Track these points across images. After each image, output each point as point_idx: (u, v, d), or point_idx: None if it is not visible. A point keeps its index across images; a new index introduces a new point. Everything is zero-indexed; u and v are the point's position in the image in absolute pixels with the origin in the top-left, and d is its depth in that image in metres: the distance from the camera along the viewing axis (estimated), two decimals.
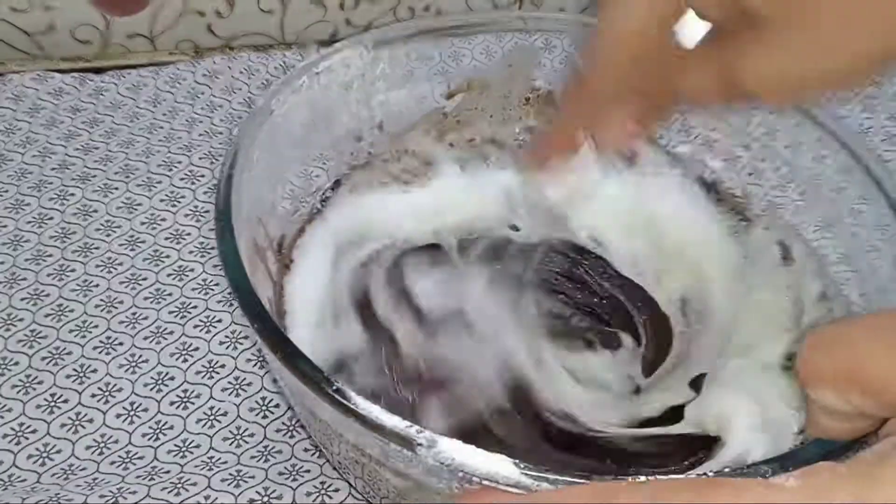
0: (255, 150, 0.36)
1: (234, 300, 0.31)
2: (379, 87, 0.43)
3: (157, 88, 0.53)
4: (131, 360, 0.40)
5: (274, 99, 0.38)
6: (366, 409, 0.27)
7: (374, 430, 0.27)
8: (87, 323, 0.42)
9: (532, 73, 0.45)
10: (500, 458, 0.26)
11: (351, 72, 0.41)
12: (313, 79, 0.40)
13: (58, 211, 0.46)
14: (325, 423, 0.30)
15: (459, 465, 0.26)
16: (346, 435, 0.29)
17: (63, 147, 0.49)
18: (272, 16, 0.57)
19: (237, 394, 0.39)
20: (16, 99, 0.51)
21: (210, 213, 0.46)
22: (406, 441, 0.27)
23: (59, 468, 0.37)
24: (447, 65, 0.44)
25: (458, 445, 0.26)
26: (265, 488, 0.36)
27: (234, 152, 0.36)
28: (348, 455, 0.31)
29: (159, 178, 0.48)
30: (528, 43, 0.44)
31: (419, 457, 0.26)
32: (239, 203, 0.34)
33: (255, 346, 0.41)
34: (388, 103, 0.43)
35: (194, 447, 0.38)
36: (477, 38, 0.44)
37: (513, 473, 0.26)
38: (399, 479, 0.30)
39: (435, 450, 0.26)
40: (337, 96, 0.41)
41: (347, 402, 0.27)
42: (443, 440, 0.26)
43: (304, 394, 0.29)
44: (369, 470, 0.31)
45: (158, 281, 0.43)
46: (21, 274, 0.43)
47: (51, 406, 0.39)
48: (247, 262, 0.32)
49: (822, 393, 0.24)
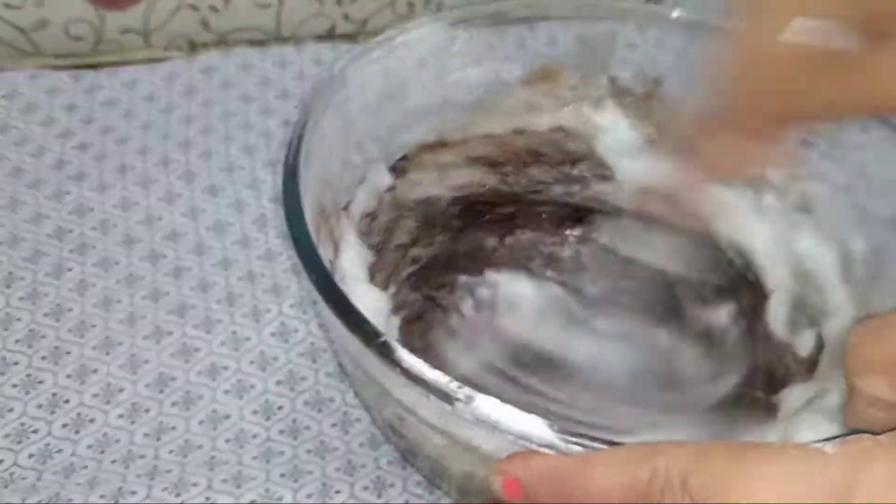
0: (327, 116, 0.37)
1: (297, 257, 0.32)
2: (454, 65, 0.43)
3: (152, 85, 0.52)
4: (132, 361, 0.40)
5: (349, 67, 0.39)
6: (409, 362, 0.28)
7: (416, 383, 0.28)
8: (85, 322, 0.41)
9: (608, 62, 0.45)
10: (534, 418, 0.27)
11: (427, 48, 0.42)
12: (390, 52, 0.41)
13: (55, 209, 0.46)
14: (372, 377, 0.31)
15: (495, 421, 0.27)
16: (392, 390, 0.30)
17: (59, 145, 0.49)
18: (268, 10, 0.57)
19: (240, 396, 0.39)
20: (10, 96, 0.51)
21: (206, 211, 0.46)
22: (445, 395, 0.27)
23: (61, 467, 0.37)
24: (522, 49, 0.44)
25: (495, 402, 0.27)
26: (266, 489, 0.36)
27: (305, 115, 0.36)
28: (393, 413, 0.32)
29: (156, 175, 0.48)
30: (604, 32, 0.45)
31: (457, 411, 0.27)
32: (308, 163, 0.35)
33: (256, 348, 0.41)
34: (462, 82, 0.44)
35: (196, 447, 0.38)
36: (553, 25, 0.44)
37: (546, 434, 0.26)
38: (440, 436, 0.30)
39: (472, 405, 0.27)
40: (411, 71, 0.42)
41: (392, 353, 0.28)
42: (480, 396, 0.27)
43: (352, 346, 0.30)
44: (413, 428, 0.32)
45: (156, 280, 0.43)
46: (18, 273, 0.43)
47: (52, 406, 0.39)
48: (310, 222, 0.33)
49: (870, 381, 0.25)
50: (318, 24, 0.58)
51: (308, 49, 0.55)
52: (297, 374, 0.40)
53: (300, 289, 0.43)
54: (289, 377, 0.40)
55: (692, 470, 0.23)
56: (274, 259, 0.44)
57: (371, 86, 0.40)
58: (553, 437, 0.26)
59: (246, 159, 0.49)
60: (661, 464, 0.23)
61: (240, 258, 0.44)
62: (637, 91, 0.45)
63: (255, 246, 0.45)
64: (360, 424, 0.39)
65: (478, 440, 0.29)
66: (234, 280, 0.44)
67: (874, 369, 0.24)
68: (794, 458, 0.22)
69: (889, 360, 0.24)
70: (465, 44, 0.43)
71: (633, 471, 0.24)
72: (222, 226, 0.46)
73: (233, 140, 0.50)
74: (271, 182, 0.48)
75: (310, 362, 0.41)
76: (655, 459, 0.24)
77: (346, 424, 0.39)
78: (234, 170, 0.48)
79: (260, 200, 0.47)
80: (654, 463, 0.24)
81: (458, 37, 0.42)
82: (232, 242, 0.45)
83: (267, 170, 0.48)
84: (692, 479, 0.23)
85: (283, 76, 0.54)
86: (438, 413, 0.29)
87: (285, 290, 0.43)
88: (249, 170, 0.48)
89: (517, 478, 0.27)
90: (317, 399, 0.40)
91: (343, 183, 0.40)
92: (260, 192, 0.47)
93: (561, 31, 0.45)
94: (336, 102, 0.38)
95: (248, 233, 0.46)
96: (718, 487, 0.22)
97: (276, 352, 0.41)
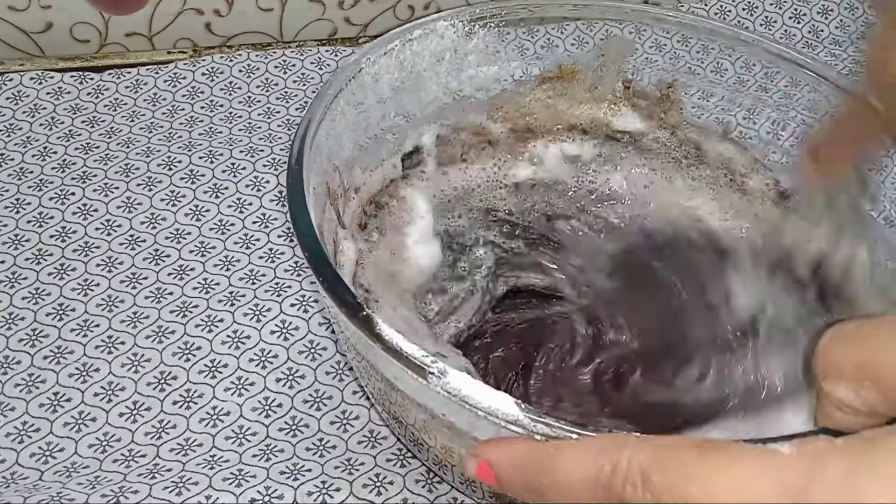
0: (340, 102, 0.38)
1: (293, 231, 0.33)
2: (470, 61, 0.44)
3: (156, 87, 0.53)
4: (133, 360, 0.41)
5: (364, 57, 0.40)
6: (389, 335, 0.29)
7: (394, 356, 0.29)
8: (88, 322, 0.42)
9: (624, 64, 0.45)
10: (503, 396, 0.27)
11: (444, 43, 0.43)
12: (406, 44, 0.41)
13: (58, 210, 0.46)
14: (360, 353, 0.32)
15: (465, 396, 0.28)
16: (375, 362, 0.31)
17: (63, 146, 0.49)
18: (271, 14, 0.57)
19: (240, 393, 0.40)
20: (15, 98, 0.51)
21: (209, 212, 0.47)
22: (420, 369, 0.28)
23: (62, 466, 0.37)
24: (539, 48, 0.45)
25: (467, 378, 0.28)
26: (266, 487, 0.36)
27: (317, 99, 0.37)
28: (378, 387, 0.33)
29: (159, 177, 0.48)
30: (621, 34, 0.45)
31: (430, 385, 0.28)
32: (318, 145, 0.36)
33: (256, 346, 0.41)
34: (477, 79, 0.44)
35: (196, 446, 0.38)
36: (570, 26, 0.45)
37: (513, 412, 0.27)
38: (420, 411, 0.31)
39: (445, 380, 0.28)
40: (428, 65, 0.43)
41: (374, 327, 0.29)
42: (453, 372, 0.28)
43: (340, 320, 0.31)
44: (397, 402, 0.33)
45: (159, 280, 0.44)
46: (22, 273, 0.43)
47: (53, 405, 0.39)
48: (313, 201, 0.34)
49: (837, 386, 0.25)
50: (320, 28, 0.58)
51: (310, 52, 0.55)
52: (297, 372, 0.40)
53: (301, 288, 0.44)
54: (288, 376, 0.40)
55: (654, 465, 0.23)
56: (275, 259, 0.45)
57: (386, 76, 0.41)
58: (520, 414, 0.27)
59: (248, 160, 0.49)
60: (624, 458, 0.24)
61: (241, 258, 0.45)
62: (652, 94, 0.46)
63: (256, 246, 0.45)
64: (359, 422, 0.39)
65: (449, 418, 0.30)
66: (236, 280, 0.44)
67: (842, 374, 0.24)
68: (753, 458, 0.22)
69: (857, 366, 0.24)
70: (482, 41, 0.43)
71: (599, 462, 0.24)
72: (224, 226, 0.46)
73: (235, 142, 0.50)
74: (273, 183, 0.48)
75: (309, 361, 0.41)
76: (620, 453, 0.24)
77: (346, 423, 0.39)
78: (236, 171, 0.49)
79: (261, 201, 0.47)
80: (619, 456, 0.24)
81: (476, 33, 0.43)
82: (234, 242, 0.45)
83: (269, 171, 0.49)
84: (654, 476, 0.23)
85: (286, 79, 0.54)
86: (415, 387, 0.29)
87: (286, 290, 0.43)
88: (251, 171, 0.49)
89: (489, 461, 0.27)
90: (316, 397, 0.40)
91: (353, 168, 0.41)
92: (262, 192, 0.48)
93: (578, 33, 0.45)
94: (350, 89, 0.39)
95: (249, 233, 0.46)
96: (679, 484, 0.23)
97: (277, 350, 0.41)
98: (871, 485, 0.21)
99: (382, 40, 0.41)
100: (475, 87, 0.45)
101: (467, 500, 0.37)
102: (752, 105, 0.45)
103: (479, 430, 0.29)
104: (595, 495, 0.24)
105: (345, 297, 0.31)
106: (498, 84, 0.45)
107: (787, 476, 0.22)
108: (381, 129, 0.42)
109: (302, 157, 0.35)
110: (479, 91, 0.45)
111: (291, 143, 0.36)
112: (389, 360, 0.29)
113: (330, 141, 0.38)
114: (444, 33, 0.42)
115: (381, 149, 0.43)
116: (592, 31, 0.45)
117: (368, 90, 0.40)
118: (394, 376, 0.31)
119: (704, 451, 0.23)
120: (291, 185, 0.34)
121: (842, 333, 0.25)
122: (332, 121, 0.38)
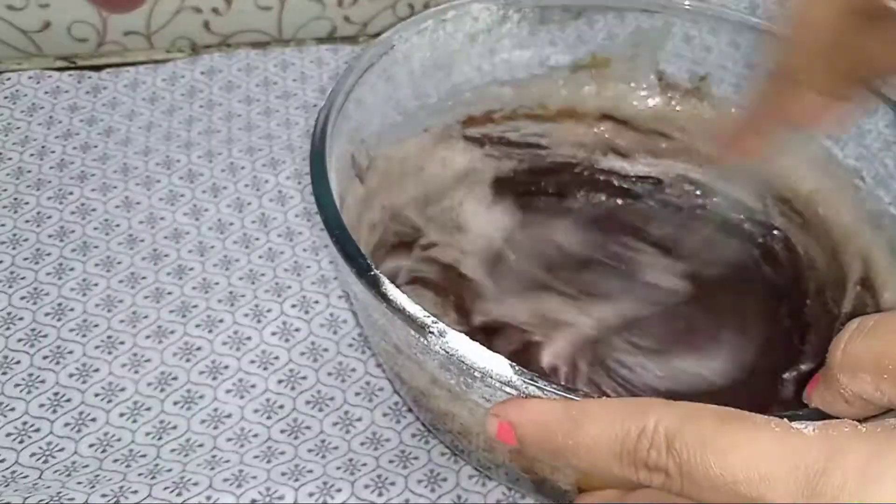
0: (371, 76, 0.39)
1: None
2: (504, 45, 0.44)
3: (155, 86, 0.53)
4: (133, 360, 0.40)
5: (397, 34, 0.40)
6: (393, 294, 0.29)
7: (397, 314, 0.29)
8: (87, 322, 0.42)
9: (657, 56, 0.45)
10: (498, 357, 0.28)
11: (478, 25, 0.43)
12: (439, 24, 0.42)
13: (56, 209, 0.46)
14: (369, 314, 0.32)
15: (461, 356, 0.28)
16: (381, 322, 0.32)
17: (61, 145, 0.49)
18: (270, 13, 0.57)
19: (241, 395, 0.39)
20: (13, 97, 0.51)
21: (208, 211, 0.46)
22: (421, 327, 0.28)
23: (62, 465, 0.37)
24: (573, 36, 0.45)
25: (465, 339, 0.28)
26: (267, 488, 0.36)
27: (347, 71, 0.38)
28: (386, 348, 0.33)
29: (158, 176, 0.48)
30: (656, 25, 0.45)
31: (430, 344, 0.28)
32: (345, 117, 0.36)
33: (258, 347, 0.41)
34: (510, 63, 0.45)
35: (197, 446, 0.38)
36: (606, 15, 0.45)
37: (506, 373, 0.27)
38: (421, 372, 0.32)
39: (444, 339, 0.28)
40: (461, 46, 0.43)
41: (380, 286, 0.30)
42: (452, 332, 0.28)
43: (349, 279, 0.31)
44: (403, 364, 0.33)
45: (158, 280, 0.43)
46: (20, 273, 0.43)
47: (53, 405, 0.39)
48: (336, 170, 0.35)
49: (855, 378, 0.24)
50: (320, 27, 0.58)
51: (309, 51, 0.55)
52: (298, 373, 0.40)
53: (301, 289, 0.43)
54: (290, 376, 0.40)
55: (678, 431, 0.23)
56: (275, 259, 0.45)
57: (418, 55, 0.41)
58: (513, 376, 0.27)
59: (247, 160, 0.49)
60: (651, 421, 0.24)
61: (241, 258, 0.45)
62: (683, 86, 0.46)
63: (256, 246, 0.45)
64: (361, 423, 0.39)
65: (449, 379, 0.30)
66: (236, 280, 0.44)
67: (862, 367, 0.24)
68: (774, 435, 0.22)
69: (878, 360, 0.24)
70: (516, 26, 0.44)
71: (626, 426, 0.24)
72: (224, 226, 0.46)
73: (234, 141, 0.50)
74: (273, 182, 0.48)
75: (311, 361, 0.41)
76: (647, 416, 0.24)
77: (347, 423, 0.39)
78: (235, 170, 0.48)
79: (261, 200, 0.47)
80: (645, 420, 0.24)
81: (510, 18, 0.43)
82: (233, 242, 0.45)
83: (268, 170, 0.48)
84: (677, 442, 0.23)
85: (285, 78, 0.54)
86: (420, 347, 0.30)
87: (286, 290, 0.43)
88: (250, 170, 0.48)
89: (510, 422, 0.27)
90: (318, 398, 0.40)
91: (381, 142, 0.41)
92: (261, 192, 0.47)
93: (612, 22, 0.45)
94: (381, 65, 0.39)
95: (249, 233, 0.46)
96: (699, 453, 0.23)
97: (278, 351, 0.41)
98: (890, 474, 0.21)
99: (416, 19, 0.41)
100: (507, 70, 0.45)
101: (470, 500, 0.37)
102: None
103: (475, 392, 0.29)
104: (619, 458, 0.24)
105: (353, 254, 0.31)
106: (530, 69, 0.45)
107: (805, 458, 0.22)
108: (411, 106, 0.43)
109: (328, 123, 0.35)
110: (511, 75, 0.45)
111: (318, 116, 0.36)
112: (394, 319, 0.29)
113: (358, 113, 0.38)
114: (478, 16, 0.43)
115: (410, 126, 0.43)
116: (625, 21, 0.45)
117: (399, 67, 0.41)
118: (398, 337, 0.31)
119: (726, 421, 0.23)
120: (315, 147, 0.34)
121: (863, 326, 0.25)
122: (360, 93, 0.38)
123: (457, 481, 0.37)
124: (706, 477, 0.22)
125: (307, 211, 0.47)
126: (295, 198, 0.47)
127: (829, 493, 0.21)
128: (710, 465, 0.22)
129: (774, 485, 0.22)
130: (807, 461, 0.22)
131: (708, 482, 0.23)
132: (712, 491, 0.23)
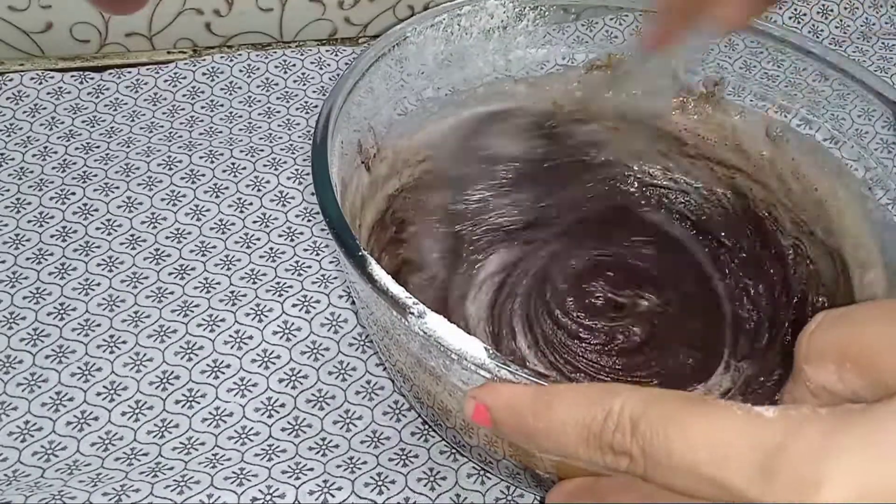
0: (382, 65, 0.39)
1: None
2: (519, 42, 0.44)
3: (156, 87, 0.53)
4: (135, 359, 0.41)
5: (410, 27, 0.41)
6: (378, 275, 0.30)
7: (381, 295, 0.30)
8: (89, 322, 0.42)
9: (671, 62, 0.45)
10: (473, 340, 0.29)
11: (494, 21, 0.43)
12: (454, 18, 0.42)
13: (58, 210, 0.46)
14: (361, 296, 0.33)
15: (438, 337, 0.29)
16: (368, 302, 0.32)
17: (63, 146, 0.49)
18: (271, 14, 0.57)
19: (242, 394, 0.40)
20: (15, 98, 0.51)
21: (210, 212, 0.47)
22: (402, 308, 0.29)
23: (64, 464, 0.37)
24: (588, 36, 0.45)
25: (443, 321, 0.29)
26: (268, 486, 0.36)
27: (359, 59, 0.38)
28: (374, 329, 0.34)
29: (160, 177, 0.48)
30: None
31: (410, 325, 0.29)
32: (353, 103, 0.37)
33: (259, 346, 0.41)
34: (525, 60, 0.45)
35: (199, 444, 0.38)
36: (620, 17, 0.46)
37: (480, 355, 0.28)
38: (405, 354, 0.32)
39: (423, 320, 0.29)
40: (475, 41, 0.43)
41: (366, 267, 0.31)
42: (431, 314, 0.29)
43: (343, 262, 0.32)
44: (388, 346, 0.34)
45: (160, 280, 0.44)
46: (23, 273, 0.43)
47: (55, 404, 0.39)
48: (338, 155, 0.36)
49: (819, 369, 0.25)
50: (320, 28, 0.58)
51: (310, 52, 0.55)
52: (299, 372, 0.41)
53: (302, 288, 0.44)
54: (291, 375, 0.40)
55: (643, 414, 0.24)
56: (276, 258, 0.45)
57: (431, 47, 0.42)
58: (486, 359, 0.28)
59: (248, 160, 0.49)
60: (616, 405, 0.24)
61: (242, 258, 0.45)
62: (697, 90, 0.46)
63: (257, 245, 0.45)
64: (361, 422, 0.39)
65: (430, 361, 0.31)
66: (237, 279, 0.44)
67: (826, 357, 0.25)
68: (736, 417, 0.23)
69: (842, 352, 0.24)
70: (532, 24, 0.44)
71: (592, 410, 0.25)
72: (225, 226, 0.46)
73: (235, 141, 0.50)
74: (273, 182, 0.48)
75: (311, 360, 0.41)
76: (612, 401, 0.24)
77: (348, 422, 0.39)
78: (236, 171, 0.49)
79: (262, 201, 0.47)
80: (611, 404, 0.24)
81: (526, 15, 0.44)
82: (234, 242, 0.45)
83: (269, 170, 0.49)
84: (642, 424, 0.24)
85: (286, 79, 0.54)
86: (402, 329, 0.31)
87: (287, 290, 0.43)
88: (251, 170, 0.49)
89: (486, 405, 0.28)
90: (318, 397, 0.40)
91: (390, 130, 0.42)
92: (262, 192, 0.48)
93: (627, 24, 0.46)
94: (393, 55, 0.40)
95: (250, 233, 0.46)
96: (661, 435, 0.23)
97: (279, 350, 0.41)
98: (846, 447, 0.21)
99: (430, 12, 0.42)
100: (522, 68, 0.45)
101: (469, 498, 0.37)
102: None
103: (453, 375, 0.30)
104: (586, 441, 0.25)
105: (343, 234, 0.32)
106: (545, 68, 0.46)
107: (765, 434, 0.22)
108: (424, 99, 0.43)
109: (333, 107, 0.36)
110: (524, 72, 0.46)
111: (324, 103, 0.37)
112: (378, 299, 0.30)
113: (368, 99, 0.39)
114: (493, 12, 0.43)
115: (423, 119, 0.43)
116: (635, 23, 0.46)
117: (412, 59, 0.41)
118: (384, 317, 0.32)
119: (689, 404, 0.23)
120: (320, 127, 0.35)
121: (829, 319, 0.25)
122: (370, 81, 0.39)
123: (456, 479, 0.37)
124: (668, 458, 0.23)
125: (308, 211, 0.47)
126: (296, 198, 0.48)
127: (785, 467, 0.21)
128: (673, 446, 0.23)
129: (734, 463, 0.22)
130: (765, 438, 0.22)
131: (670, 464, 0.23)
132: (675, 472, 0.23)
